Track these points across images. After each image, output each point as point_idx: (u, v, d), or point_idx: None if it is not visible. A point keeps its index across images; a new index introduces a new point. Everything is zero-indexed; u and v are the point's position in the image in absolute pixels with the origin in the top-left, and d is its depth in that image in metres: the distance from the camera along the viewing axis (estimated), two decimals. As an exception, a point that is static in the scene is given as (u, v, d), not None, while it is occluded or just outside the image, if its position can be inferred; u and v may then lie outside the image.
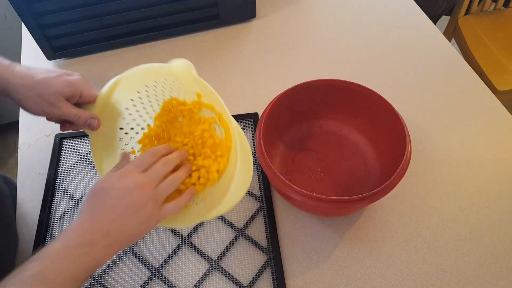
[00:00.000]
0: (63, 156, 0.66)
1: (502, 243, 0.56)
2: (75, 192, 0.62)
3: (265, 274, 0.54)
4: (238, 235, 0.57)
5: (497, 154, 0.65)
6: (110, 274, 0.54)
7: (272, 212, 0.58)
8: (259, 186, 0.62)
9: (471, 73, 0.76)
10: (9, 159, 1.58)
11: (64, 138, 0.68)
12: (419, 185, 0.62)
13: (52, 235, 0.58)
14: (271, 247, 0.55)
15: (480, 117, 0.70)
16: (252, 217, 0.59)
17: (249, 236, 0.57)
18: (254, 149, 0.65)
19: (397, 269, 0.54)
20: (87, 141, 0.68)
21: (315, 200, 0.50)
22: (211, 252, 0.56)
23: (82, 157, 0.65)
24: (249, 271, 0.54)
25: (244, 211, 0.59)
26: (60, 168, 0.64)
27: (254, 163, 0.63)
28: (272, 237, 0.56)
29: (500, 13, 1.33)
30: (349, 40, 0.83)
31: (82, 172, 0.64)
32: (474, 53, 1.22)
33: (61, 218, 0.59)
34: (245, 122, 0.69)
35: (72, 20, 0.76)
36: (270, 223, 0.57)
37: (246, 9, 0.85)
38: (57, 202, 0.61)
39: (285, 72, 0.78)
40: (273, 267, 0.54)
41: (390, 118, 0.57)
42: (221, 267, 0.54)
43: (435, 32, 0.84)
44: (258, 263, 0.55)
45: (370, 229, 0.58)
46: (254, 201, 0.60)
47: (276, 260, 0.54)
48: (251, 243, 0.56)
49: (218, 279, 0.54)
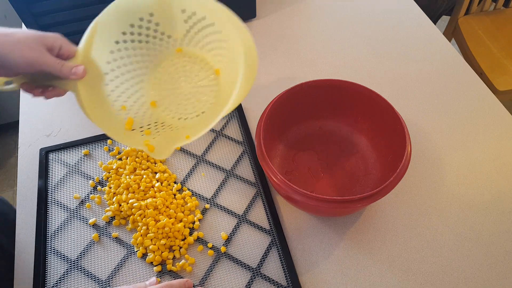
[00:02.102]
0: (50, 169, 0.64)
1: (502, 243, 0.56)
2: (69, 203, 0.61)
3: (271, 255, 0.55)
4: (240, 221, 0.59)
5: (497, 154, 0.65)
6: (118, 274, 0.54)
7: (272, 204, 0.59)
8: (253, 173, 0.63)
9: (471, 73, 0.76)
10: (9, 159, 1.58)
11: (49, 151, 0.66)
12: (419, 185, 0.62)
13: (51, 243, 0.58)
14: (274, 231, 0.57)
15: (480, 117, 0.70)
16: (250, 203, 0.60)
17: (252, 221, 0.58)
18: (254, 149, 0.65)
19: (397, 269, 0.54)
20: (73, 152, 0.66)
21: (315, 200, 0.50)
22: (217, 241, 0.57)
23: (70, 168, 0.64)
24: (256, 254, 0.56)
25: (243, 198, 0.60)
26: (50, 181, 0.63)
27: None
28: (274, 220, 0.57)
29: (500, 13, 1.33)
30: (349, 40, 0.83)
31: (73, 183, 0.63)
32: (474, 53, 1.22)
33: (59, 230, 0.59)
34: (229, 114, 0.70)
35: (71, 20, 0.76)
36: (270, 209, 0.59)
37: (246, 9, 0.85)
38: (51, 214, 0.60)
39: (285, 72, 0.78)
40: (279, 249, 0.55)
41: (390, 118, 0.57)
42: (228, 254, 0.56)
43: (435, 32, 0.84)
44: (263, 245, 0.56)
45: (370, 229, 0.58)
46: (251, 188, 0.61)
47: (281, 241, 0.56)
48: (254, 227, 0.58)
49: (227, 265, 0.55)
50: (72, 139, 0.67)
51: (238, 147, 0.66)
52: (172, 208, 0.58)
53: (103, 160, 0.65)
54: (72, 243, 0.57)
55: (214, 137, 0.67)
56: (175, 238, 0.56)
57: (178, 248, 0.55)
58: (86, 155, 0.65)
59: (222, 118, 0.68)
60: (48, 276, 0.54)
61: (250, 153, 0.65)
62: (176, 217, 0.57)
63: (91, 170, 0.64)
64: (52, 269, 0.55)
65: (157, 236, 0.55)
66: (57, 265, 0.55)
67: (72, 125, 0.70)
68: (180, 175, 0.63)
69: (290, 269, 0.53)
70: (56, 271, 0.55)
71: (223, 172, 0.64)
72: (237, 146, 0.66)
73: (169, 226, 0.56)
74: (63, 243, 0.57)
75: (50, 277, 0.54)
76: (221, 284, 0.53)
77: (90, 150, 0.66)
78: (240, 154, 0.65)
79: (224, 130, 0.68)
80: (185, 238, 0.56)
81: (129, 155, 0.64)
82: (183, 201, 0.60)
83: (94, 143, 0.67)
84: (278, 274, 0.54)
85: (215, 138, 0.67)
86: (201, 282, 0.53)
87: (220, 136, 0.68)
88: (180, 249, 0.55)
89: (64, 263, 0.55)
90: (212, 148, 0.66)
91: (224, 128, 0.69)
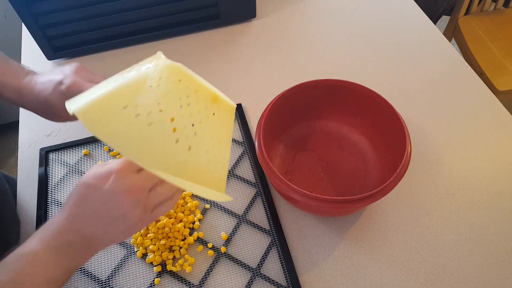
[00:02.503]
0: (50, 169, 0.64)
1: (502, 243, 0.56)
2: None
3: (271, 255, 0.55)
4: (240, 221, 0.58)
5: (497, 154, 0.65)
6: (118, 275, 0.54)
7: (272, 204, 0.59)
8: (253, 173, 0.63)
9: (471, 73, 0.76)
10: (9, 159, 1.58)
11: (49, 151, 0.66)
12: (419, 185, 0.62)
13: None
14: (274, 231, 0.57)
15: (480, 117, 0.70)
16: (250, 203, 0.60)
17: (252, 221, 0.58)
18: (254, 149, 0.65)
19: (397, 269, 0.54)
20: (73, 152, 0.66)
21: (315, 200, 0.50)
22: (217, 241, 0.57)
23: (70, 168, 0.64)
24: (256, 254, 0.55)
25: (243, 198, 0.60)
26: (50, 181, 0.63)
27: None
28: (274, 220, 0.57)
29: (500, 13, 1.33)
30: (349, 40, 0.83)
31: (73, 182, 0.63)
32: (474, 53, 1.22)
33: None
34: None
35: (72, 20, 0.76)
36: (270, 209, 0.59)
37: (246, 9, 0.85)
38: (51, 214, 0.59)
39: (285, 72, 0.78)
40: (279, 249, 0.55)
41: (390, 118, 0.57)
42: (228, 254, 0.55)
43: (435, 32, 0.84)
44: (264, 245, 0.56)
45: (370, 229, 0.58)
46: (251, 188, 0.61)
47: (280, 241, 0.55)
48: (254, 227, 0.58)
49: (227, 265, 0.55)
50: (72, 139, 0.67)
51: (238, 147, 0.66)
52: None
53: (103, 160, 0.65)
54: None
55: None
56: (175, 238, 0.56)
57: (178, 248, 0.55)
58: (86, 155, 0.65)
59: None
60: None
61: (250, 153, 0.65)
62: (176, 217, 0.57)
63: (91, 170, 0.64)
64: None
65: (157, 236, 0.55)
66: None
67: (72, 125, 0.70)
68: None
69: (290, 269, 0.53)
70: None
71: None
72: (237, 146, 0.66)
73: (169, 226, 0.56)
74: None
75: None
76: (221, 284, 0.53)
77: (90, 150, 0.66)
78: (240, 154, 0.65)
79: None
80: (185, 238, 0.56)
81: None
82: (183, 201, 0.60)
83: (94, 143, 0.67)
84: (278, 274, 0.54)
85: (215, 138, 0.67)
86: (201, 282, 0.53)
87: None
88: (180, 249, 0.55)
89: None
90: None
91: (224, 128, 0.69)
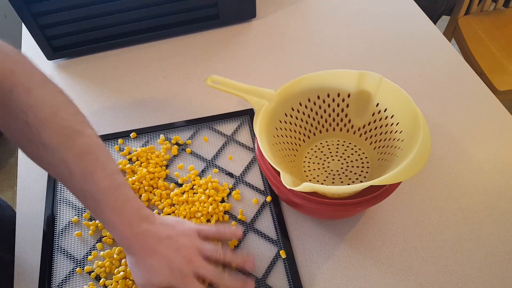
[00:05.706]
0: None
1: (502, 243, 0.56)
2: (77, 201, 0.61)
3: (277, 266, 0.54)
4: (247, 229, 0.58)
5: (497, 154, 0.65)
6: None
7: (280, 213, 0.58)
8: (262, 180, 0.62)
9: (471, 73, 0.76)
10: (9, 159, 1.58)
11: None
12: (419, 185, 0.62)
13: (57, 243, 0.57)
14: (281, 240, 0.56)
15: (480, 117, 0.70)
16: (259, 211, 0.59)
17: (258, 230, 0.57)
18: (255, 149, 0.65)
19: (397, 269, 0.54)
20: None
21: (315, 203, 0.50)
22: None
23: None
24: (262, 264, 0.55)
25: (252, 206, 0.60)
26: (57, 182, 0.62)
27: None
28: (282, 232, 0.56)
29: (500, 13, 1.33)
30: (349, 40, 0.83)
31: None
32: (474, 53, 1.22)
33: (66, 229, 0.59)
34: (241, 119, 0.69)
35: (72, 20, 0.76)
36: (278, 219, 0.58)
37: (246, 9, 0.85)
38: (59, 213, 0.60)
39: (285, 72, 0.78)
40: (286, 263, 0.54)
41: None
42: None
43: (435, 32, 0.84)
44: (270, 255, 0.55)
45: (370, 229, 0.58)
46: (260, 196, 0.60)
47: (288, 253, 0.55)
48: (261, 236, 0.57)
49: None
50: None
51: (249, 153, 0.65)
52: (181, 214, 0.58)
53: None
54: (78, 243, 0.57)
55: (224, 141, 0.66)
56: None
57: None
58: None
59: (234, 123, 0.69)
60: (54, 275, 0.54)
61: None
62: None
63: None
64: (57, 268, 0.55)
65: None
66: (62, 265, 0.55)
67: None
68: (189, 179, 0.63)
69: (294, 273, 0.53)
70: (61, 271, 0.55)
71: (232, 178, 0.63)
72: (247, 152, 0.66)
73: None
74: (68, 242, 0.57)
75: (55, 277, 0.54)
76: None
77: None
78: (250, 161, 0.64)
79: (235, 135, 0.67)
80: None
81: (139, 156, 0.64)
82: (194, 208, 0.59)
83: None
84: (280, 280, 0.54)
85: (225, 143, 0.66)
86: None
87: (231, 141, 0.67)
88: None
89: (70, 263, 0.55)
90: (222, 153, 0.66)
91: (235, 133, 0.68)
